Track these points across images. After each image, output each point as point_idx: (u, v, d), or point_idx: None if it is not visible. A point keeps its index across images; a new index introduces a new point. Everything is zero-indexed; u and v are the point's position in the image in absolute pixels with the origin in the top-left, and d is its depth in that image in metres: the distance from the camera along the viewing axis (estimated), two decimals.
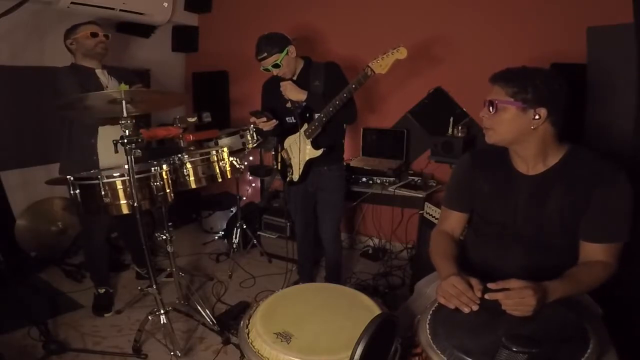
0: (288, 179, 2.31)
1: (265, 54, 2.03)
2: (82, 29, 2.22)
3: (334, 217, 2.32)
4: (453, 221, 1.46)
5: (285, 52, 2.04)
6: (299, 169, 2.21)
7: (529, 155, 1.25)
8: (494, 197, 1.35)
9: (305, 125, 2.13)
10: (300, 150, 2.18)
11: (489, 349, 0.91)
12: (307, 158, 2.17)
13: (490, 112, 1.23)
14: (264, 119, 2.15)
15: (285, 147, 2.30)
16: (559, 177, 1.23)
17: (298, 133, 2.16)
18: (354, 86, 1.92)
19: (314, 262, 2.73)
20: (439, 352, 0.96)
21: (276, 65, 2.05)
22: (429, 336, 1.02)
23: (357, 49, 2.93)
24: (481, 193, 1.37)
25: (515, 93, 1.18)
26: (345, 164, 2.46)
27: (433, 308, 1.13)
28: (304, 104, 2.09)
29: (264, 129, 2.20)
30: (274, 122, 2.17)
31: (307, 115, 2.12)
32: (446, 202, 1.49)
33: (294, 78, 2.16)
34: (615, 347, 1.06)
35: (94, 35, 2.21)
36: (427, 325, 1.06)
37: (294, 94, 2.08)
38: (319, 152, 2.13)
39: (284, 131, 2.26)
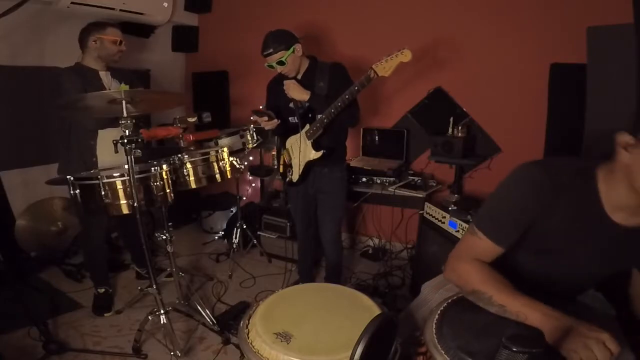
0: (288, 179, 2.31)
1: (272, 50, 2.01)
2: (111, 31, 2.20)
3: (334, 219, 2.31)
4: (487, 252, 1.09)
5: (291, 49, 2.02)
6: (299, 169, 2.21)
7: None
8: (571, 244, 1.06)
9: (307, 126, 2.12)
10: (301, 150, 2.18)
11: (495, 351, 0.90)
12: (308, 159, 2.16)
13: None
14: (266, 117, 2.14)
15: (286, 147, 2.29)
16: None
17: (299, 134, 2.16)
18: (356, 88, 1.90)
19: (314, 262, 2.72)
20: (443, 352, 0.95)
21: (281, 63, 2.04)
22: (435, 335, 1.01)
23: (361, 48, 2.93)
24: (551, 230, 1.06)
25: None
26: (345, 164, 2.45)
27: (442, 307, 1.12)
28: (307, 104, 2.08)
29: (266, 127, 2.19)
30: (276, 121, 2.16)
31: (310, 116, 2.11)
32: (490, 231, 1.08)
33: (299, 77, 2.15)
34: (630, 346, 1.05)
35: (119, 42, 2.22)
36: (434, 325, 1.05)
37: (297, 93, 2.06)
38: (319, 153, 2.12)
39: (287, 131, 2.25)
